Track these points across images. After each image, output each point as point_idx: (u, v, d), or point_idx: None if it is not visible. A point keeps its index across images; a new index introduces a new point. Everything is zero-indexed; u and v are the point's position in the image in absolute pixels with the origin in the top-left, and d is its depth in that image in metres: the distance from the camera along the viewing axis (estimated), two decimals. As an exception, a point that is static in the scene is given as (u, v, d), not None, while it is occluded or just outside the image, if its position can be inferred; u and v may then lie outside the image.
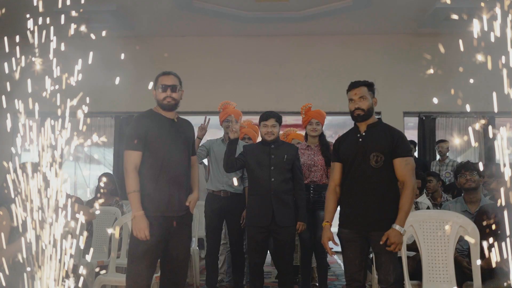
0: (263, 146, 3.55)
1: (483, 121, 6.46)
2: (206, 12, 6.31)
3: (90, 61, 2.00)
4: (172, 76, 2.82)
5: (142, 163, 2.69)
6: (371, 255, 3.08)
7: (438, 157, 6.61)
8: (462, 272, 2.98)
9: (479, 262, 2.63)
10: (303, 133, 4.51)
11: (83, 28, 2.10)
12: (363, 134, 2.77)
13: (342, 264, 6.11)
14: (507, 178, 1.46)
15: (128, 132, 2.74)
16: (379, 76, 6.26)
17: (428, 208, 3.66)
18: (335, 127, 8.52)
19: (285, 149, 3.55)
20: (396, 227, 2.56)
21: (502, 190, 1.55)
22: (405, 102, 7.04)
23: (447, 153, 6.46)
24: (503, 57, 1.51)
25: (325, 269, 4.02)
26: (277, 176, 3.44)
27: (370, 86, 2.79)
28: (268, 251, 3.79)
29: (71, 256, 1.74)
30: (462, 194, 3.57)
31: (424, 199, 3.79)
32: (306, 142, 4.13)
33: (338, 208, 2.89)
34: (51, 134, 1.81)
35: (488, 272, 2.67)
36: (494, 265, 1.60)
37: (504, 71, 1.50)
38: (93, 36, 2.44)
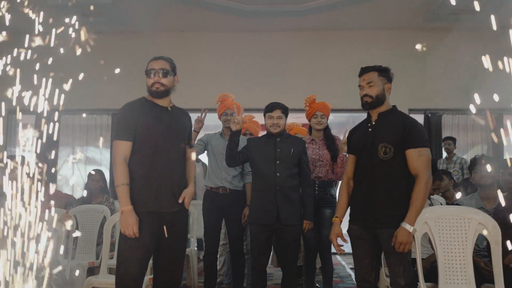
0: (268, 139, 3.37)
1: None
2: (205, 5, 6.17)
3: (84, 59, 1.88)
4: (162, 61, 2.60)
5: (132, 154, 2.49)
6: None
7: (445, 154, 6.44)
8: (479, 273, 2.77)
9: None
10: (305, 128, 4.32)
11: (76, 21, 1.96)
12: (373, 123, 2.58)
13: (346, 266, 5.97)
14: None
15: (117, 121, 2.53)
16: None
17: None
18: (338, 125, 8.34)
19: (292, 142, 3.36)
20: (406, 226, 2.36)
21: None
22: (410, 98, 6.87)
23: (454, 151, 6.29)
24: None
25: (331, 270, 3.85)
26: (283, 171, 3.25)
27: (382, 71, 2.60)
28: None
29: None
30: (477, 191, 3.37)
31: (437, 197, 3.59)
32: (310, 135, 3.94)
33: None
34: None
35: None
36: None
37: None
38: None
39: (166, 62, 2.61)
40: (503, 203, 2.65)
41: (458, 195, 4.16)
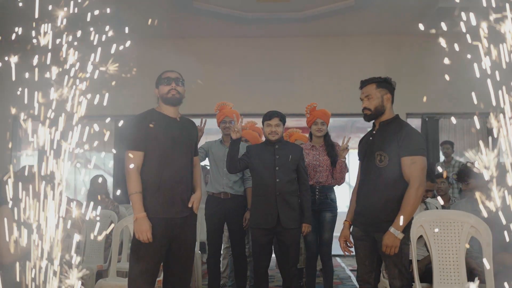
0: (267, 146, 3.49)
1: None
2: (207, 13, 6.27)
3: (88, 63, 1.95)
4: (175, 72, 2.77)
5: (144, 164, 2.61)
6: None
7: (442, 158, 6.55)
8: (471, 273, 2.90)
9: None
10: (305, 134, 4.44)
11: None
12: (374, 132, 2.72)
13: (346, 268, 6.09)
14: None
15: (129, 132, 2.66)
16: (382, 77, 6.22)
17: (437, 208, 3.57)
18: (337, 129, 8.46)
19: (290, 149, 3.48)
20: (395, 232, 2.47)
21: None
22: (408, 103, 6.97)
23: (452, 154, 6.39)
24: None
25: (331, 272, 3.95)
26: (282, 177, 3.37)
27: (380, 82, 2.70)
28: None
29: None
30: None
31: (433, 200, 3.70)
32: (310, 142, 4.07)
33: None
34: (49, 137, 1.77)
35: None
36: None
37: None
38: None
39: (179, 74, 2.78)
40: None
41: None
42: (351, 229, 2.80)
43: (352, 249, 2.81)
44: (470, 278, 2.77)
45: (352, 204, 2.84)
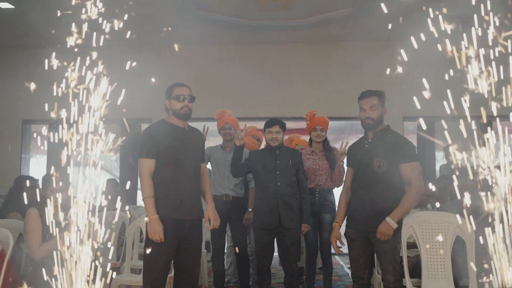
0: (268, 151, 3.71)
1: None
2: (209, 21, 6.42)
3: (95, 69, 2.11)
4: (186, 88, 2.97)
5: (155, 170, 2.83)
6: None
7: (445, 161, 6.70)
8: (457, 269, 3.13)
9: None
10: (306, 138, 4.66)
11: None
12: (369, 141, 2.94)
13: (344, 266, 6.31)
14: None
15: (142, 141, 2.88)
16: (380, 81, 6.37)
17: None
18: (336, 131, 8.66)
19: (290, 154, 3.71)
20: (389, 220, 2.72)
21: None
22: (404, 107, 7.13)
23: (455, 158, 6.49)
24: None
25: (330, 269, 4.17)
26: (283, 180, 3.60)
27: (381, 95, 2.94)
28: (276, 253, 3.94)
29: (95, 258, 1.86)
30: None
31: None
32: (310, 147, 4.28)
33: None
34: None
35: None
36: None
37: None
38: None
39: (189, 89, 2.98)
40: None
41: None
42: (344, 231, 3.01)
43: (342, 249, 3.04)
44: (456, 273, 3.01)
45: (342, 207, 3.06)
